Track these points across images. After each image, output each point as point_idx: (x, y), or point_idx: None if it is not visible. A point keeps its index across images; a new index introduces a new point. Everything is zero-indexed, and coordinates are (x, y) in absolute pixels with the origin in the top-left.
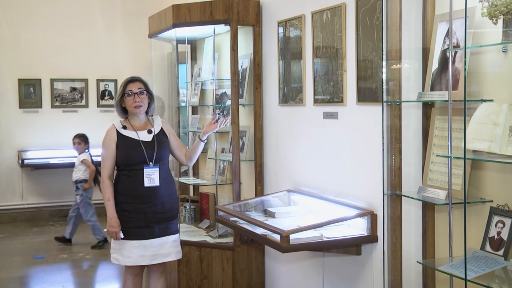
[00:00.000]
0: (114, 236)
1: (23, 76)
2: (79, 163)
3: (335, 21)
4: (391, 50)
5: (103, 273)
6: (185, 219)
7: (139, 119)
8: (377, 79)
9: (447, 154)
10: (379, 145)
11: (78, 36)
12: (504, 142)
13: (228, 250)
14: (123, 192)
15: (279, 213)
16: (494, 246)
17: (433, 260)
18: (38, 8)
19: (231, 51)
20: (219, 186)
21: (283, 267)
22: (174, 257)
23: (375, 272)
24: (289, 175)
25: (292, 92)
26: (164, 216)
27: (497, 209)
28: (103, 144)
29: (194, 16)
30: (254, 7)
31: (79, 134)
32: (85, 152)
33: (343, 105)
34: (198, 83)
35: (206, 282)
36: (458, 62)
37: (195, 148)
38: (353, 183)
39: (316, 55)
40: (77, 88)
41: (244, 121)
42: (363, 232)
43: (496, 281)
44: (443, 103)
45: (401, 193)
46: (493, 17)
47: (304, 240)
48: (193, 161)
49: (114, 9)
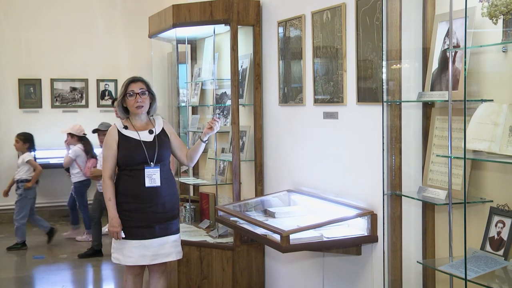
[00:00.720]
0: (115, 236)
1: (23, 76)
2: (22, 163)
3: (335, 21)
4: (391, 50)
5: (103, 273)
6: (185, 219)
7: (141, 119)
8: (377, 79)
9: (447, 154)
10: (379, 145)
11: (78, 36)
12: (504, 142)
13: (228, 250)
14: (124, 192)
15: (279, 213)
16: (494, 246)
17: (433, 260)
18: (38, 8)
19: (231, 51)
20: (219, 186)
21: (283, 267)
22: (175, 257)
23: (375, 272)
24: (289, 175)
25: (292, 92)
26: (165, 216)
27: (497, 209)
28: (104, 144)
29: (194, 16)
30: (254, 7)
31: (20, 133)
32: (29, 152)
33: (343, 105)
34: (198, 83)
35: (206, 282)
36: (458, 62)
37: (196, 148)
38: (353, 183)
39: (316, 55)
40: (77, 88)
41: (244, 121)
42: (363, 232)
43: (496, 281)
44: (443, 103)
45: (401, 193)
46: (493, 17)
47: (304, 240)
48: (194, 161)
49: (114, 9)
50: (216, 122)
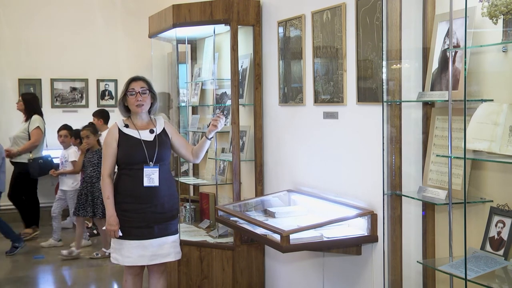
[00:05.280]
0: (113, 234)
1: (23, 76)
2: None
3: (335, 21)
4: (391, 50)
5: (103, 273)
6: (185, 219)
7: (142, 119)
8: (377, 79)
9: (447, 154)
10: (379, 145)
11: (78, 36)
12: (504, 142)
13: (228, 250)
14: (123, 192)
15: (279, 213)
16: (494, 246)
17: (433, 260)
18: (38, 8)
19: (231, 51)
20: (219, 186)
21: (283, 267)
22: (173, 257)
23: (375, 272)
24: (289, 175)
25: (292, 92)
26: (164, 216)
27: (497, 209)
28: (105, 142)
29: (194, 16)
30: (254, 7)
31: None
32: None
33: (343, 105)
34: (198, 83)
35: (206, 282)
36: (458, 62)
37: (201, 145)
38: (353, 183)
39: (316, 55)
40: (77, 88)
41: (244, 121)
42: (363, 232)
43: (496, 281)
44: (443, 103)
45: (401, 193)
46: (493, 17)
47: (304, 240)
48: (200, 158)
49: (114, 9)
50: (220, 119)
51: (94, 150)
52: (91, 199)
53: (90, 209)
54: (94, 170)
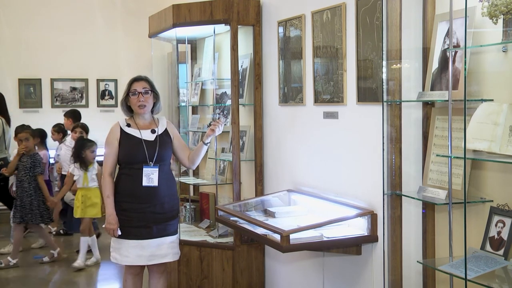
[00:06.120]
0: (112, 233)
1: (23, 76)
2: None
3: (335, 21)
4: (391, 50)
5: (103, 273)
6: (185, 219)
7: (144, 118)
8: (377, 79)
9: (447, 154)
10: (379, 145)
11: (78, 36)
12: (504, 142)
13: (228, 250)
14: (123, 191)
15: (279, 213)
16: (494, 246)
17: (433, 260)
18: (38, 8)
19: (231, 51)
20: (219, 186)
21: (283, 267)
22: (171, 258)
23: (375, 272)
24: (289, 175)
25: (292, 92)
26: (163, 217)
27: (497, 208)
28: (106, 141)
29: (194, 16)
30: (254, 7)
31: None
32: None
33: (343, 105)
34: (198, 83)
35: (206, 282)
36: (458, 62)
37: (198, 151)
38: (353, 182)
39: (316, 55)
40: (77, 88)
41: (244, 121)
42: (363, 232)
43: (496, 281)
44: (443, 103)
45: (401, 193)
46: (493, 17)
47: (304, 240)
48: (195, 164)
49: (114, 9)
50: (219, 125)
51: (29, 154)
52: (20, 204)
53: (18, 215)
54: (26, 174)
